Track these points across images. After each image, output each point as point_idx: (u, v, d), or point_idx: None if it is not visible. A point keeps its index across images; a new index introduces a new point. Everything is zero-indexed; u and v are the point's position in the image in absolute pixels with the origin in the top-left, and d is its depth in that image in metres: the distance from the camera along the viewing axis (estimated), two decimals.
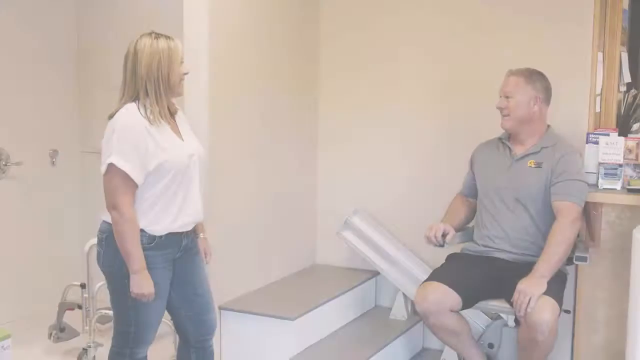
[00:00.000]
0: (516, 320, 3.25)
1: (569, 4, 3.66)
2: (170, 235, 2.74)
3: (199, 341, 2.96)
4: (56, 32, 4.40)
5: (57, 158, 4.44)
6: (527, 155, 3.42)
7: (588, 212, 3.60)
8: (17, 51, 4.17)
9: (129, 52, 2.69)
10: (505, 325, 3.55)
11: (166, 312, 2.88)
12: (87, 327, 3.76)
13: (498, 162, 3.50)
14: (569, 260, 3.37)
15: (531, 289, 3.09)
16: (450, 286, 3.24)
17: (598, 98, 3.79)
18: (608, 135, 3.50)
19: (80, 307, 3.84)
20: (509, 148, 3.48)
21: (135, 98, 2.68)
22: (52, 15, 4.37)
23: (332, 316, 3.82)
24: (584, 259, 3.32)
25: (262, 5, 3.75)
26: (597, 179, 3.50)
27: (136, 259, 2.62)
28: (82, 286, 3.81)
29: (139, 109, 2.65)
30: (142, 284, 2.64)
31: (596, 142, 3.52)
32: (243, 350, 3.54)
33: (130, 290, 2.65)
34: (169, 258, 2.78)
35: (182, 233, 2.79)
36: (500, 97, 3.42)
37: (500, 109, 3.41)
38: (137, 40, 2.69)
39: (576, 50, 3.66)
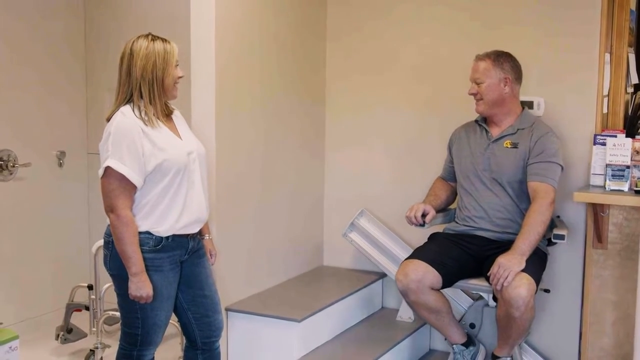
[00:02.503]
0: (495, 298, 3.29)
1: (576, 5, 3.65)
2: (177, 237, 2.75)
3: (206, 343, 2.96)
4: (64, 35, 4.42)
5: (65, 159, 4.45)
6: (503, 137, 3.48)
7: (595, 213, 3.59)
8: (26, 54, 4.18)
9: (125, 52, 2.70)
10: (486, 305, 3.59)
11: (173, 314, 2.88)
12: (95, 329, 3.77)
13: (475, 143, 3.55)
14: (549, 242, 3.45)
15: (511, 263, 3.14)
16: (431, 264, 3.31)
17: (605, 99, 3.78)
18: (615, 136, 3.50)
19: (87, 308, 3.85)
20: (486, 130, 3.54)
21: (129, 99, 2.68)
22: (60, 18, 4.38)
23: (339, 318, 3.82)
24: (562, 237, 3.38)
25: (269, 10, 3.75)
26: (604, 180, 3.49)
27: (134, 261, 2.63)
28: (90, 287, 3.82)
29: (133, 110, 2.66)
30: (140, 286, 2.65)
31: (603, 144, 3.51)
32: (250, 352, 3.54)
33: (129, 292, 2.66)
34: (176, 260, 2.78)
35: (188, 235, 2.80)
36: (472, 83, 3.47)
37: (473, 94, 3.47)
38: (133, 41, 2.70)
39: (583, 51, 3.65)
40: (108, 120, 2.68)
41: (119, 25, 4.44)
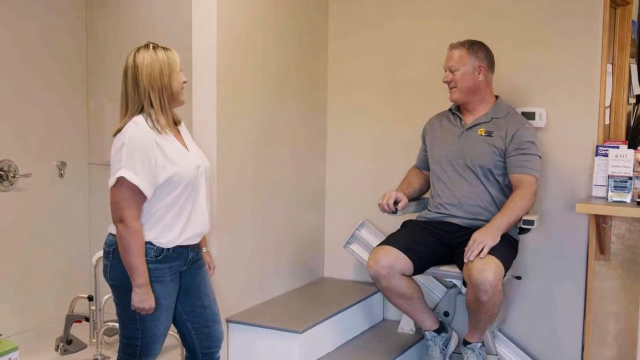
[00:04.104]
0: (465, 284, 3.31)
1: (578, 16, 3.65)
2: (178, 248, 2.74)
3: (206, 354, 2.95)
4: (66, 46, 4.41)
5: (65, 170, 4.45)
6: (477, 124, 3.52)
7: (597, 224, 3.58)
8: (28, 65, 4.18)
9: (128, 65, 2.70)
10: (460, 293, 3.62)
11: (172, 325, 2.87)
12: (94, 340, 3.76)
13: (449, 131, 3.59)
14: (520, 230, 3.49)
15: (485, 237, 3.20)
16: (402, 251, 3.36)
17: (607, 110, 3.78)
18: (618, 147, 3.49)
19: (87, 319, 3.84)
20: (459, 117, 3.58)
21: (139, 110, 2.68)
22: (62, 29, 4.38)
23: (340, 329, 3.80)
24: (531, 222, 3.39)
25: (271, 12, 3.75)
26: (607, 191, 3.48)
27: (140, 273, 2.62)
28: (90, 298, 3.81)
29: (146, 121, 2.66)
30: (144, 298, 2.64)
31: (606, 155, 3.50)
32: None
33: (132, 304, 2.65)
34: (176, 271, 2.77)
35: (188, 246, 2.79)
36: (446, 71, 3.51)
37: (447, 82, 3.51)
38: (134, 53, 2.70)
39: (585, 62, 3.65)
40: (118, 131, 2.66)
41: (121, 37, 4.43)
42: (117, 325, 3.53)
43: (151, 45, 2.71)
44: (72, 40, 4.45)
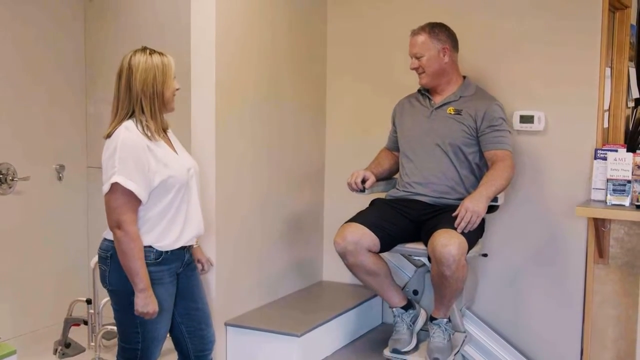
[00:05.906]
0: (430, 259, 3.32)
1: (576, 20, 3.65)
2: (175, 250, 2.74)
3: (199, 356, 2.95)
4: (65, 49, 4.41)
5: (64, 173, 4.44)
6: (446, 103, 3.56)
7: (596, 228, 3.58)
8: (27, 68, 4.18)
9: (123, 68, 2.69)
10: (428, 271, 3.61)
11: None
12: (93, 343, 3.75)
13: (418, 111, 3.63)
14: (489, 208, 3.46)
15: (477, 207, 3.20)
16: (369, 227, 3.38)
17: (606, 114, 3.78)
18: (616, 151, 3.49)
19: (85, 322, 3.83)
20: (429, 98, 3.62)
21: (130, 115, 2.68)
22: (61, 32, 4.38)
23: (338, 333, 3.80)
24: (495, 199, 3.38)
25: (269, 14, 3.76)
26: (606, 195, 3.48)
27: (141, 277, 2.62)
28: (88, 302, 3.81)
29: (136, 125, 2.65)
30: (147, 302, 2.64)
31: (604, 158, 3.50)
32: None
33: (135, 309, 2.64)
34: (174, 272, 2.78)
35: (184, 247, 2.79)
36: (412, 58, 3.55)
37: (415, 69, 3.55)
38: (130, 56, 2.69)
39: (584, 65, 3.65)
40: (109, 136, 2.66)
41: (119, 41, 4.43)
42: (115, 328, 3.54)
43: (148, 50, 2.70)
44: (71, 43, 4.45)
